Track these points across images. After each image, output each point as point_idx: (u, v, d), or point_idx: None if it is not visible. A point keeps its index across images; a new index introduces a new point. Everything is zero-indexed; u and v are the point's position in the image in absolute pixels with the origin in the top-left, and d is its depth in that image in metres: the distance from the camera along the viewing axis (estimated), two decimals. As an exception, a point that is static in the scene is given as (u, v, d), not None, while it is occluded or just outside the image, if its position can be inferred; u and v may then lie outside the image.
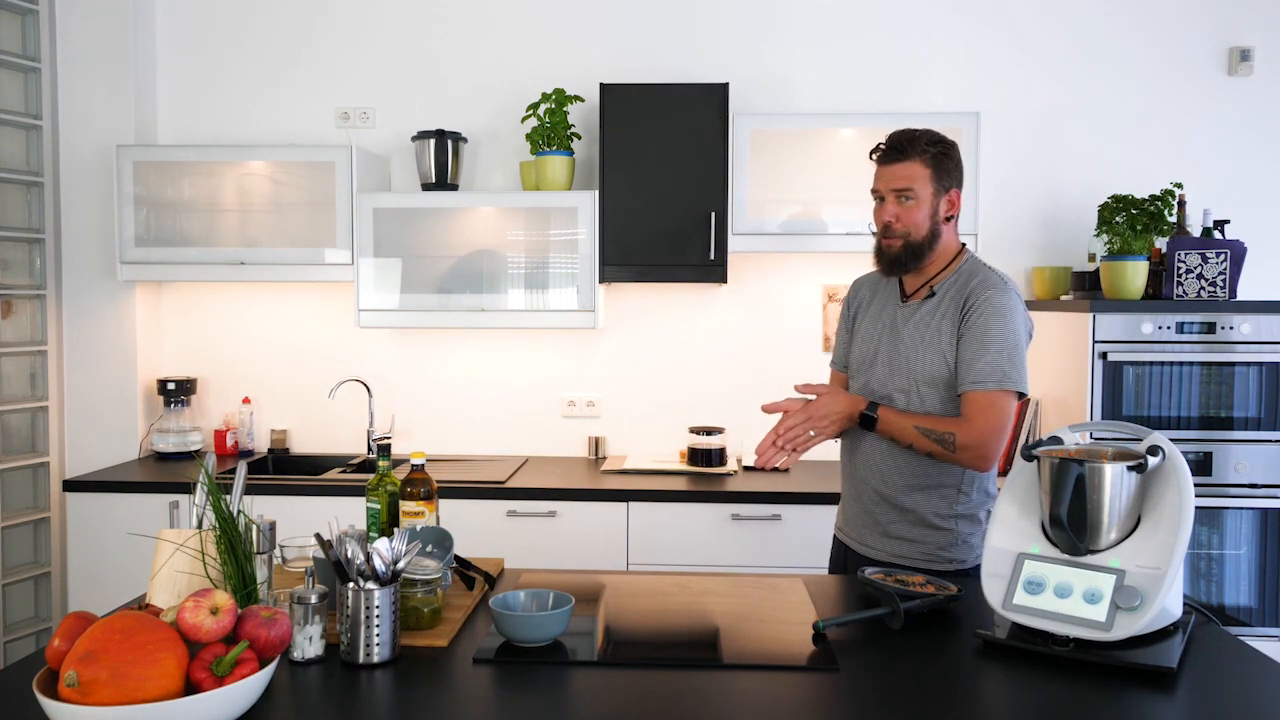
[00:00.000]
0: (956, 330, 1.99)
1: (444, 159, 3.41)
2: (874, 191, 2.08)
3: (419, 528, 1.85)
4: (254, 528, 1.65)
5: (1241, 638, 1.65)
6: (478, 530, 3.00)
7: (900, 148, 2.02)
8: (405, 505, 1.91)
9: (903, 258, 2.05)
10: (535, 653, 1.55)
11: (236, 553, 1.57)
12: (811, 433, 2.00)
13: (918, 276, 2.09)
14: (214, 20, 3.62)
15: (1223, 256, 2.97)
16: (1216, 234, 3.11)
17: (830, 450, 2.31)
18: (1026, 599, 1.56)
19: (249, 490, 1.72)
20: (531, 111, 3.34)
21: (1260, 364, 2.93)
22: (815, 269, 3.51)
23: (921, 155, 2.01)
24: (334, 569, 1.52)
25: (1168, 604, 1.51)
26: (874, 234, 2.10)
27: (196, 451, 3.50)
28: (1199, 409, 2.95)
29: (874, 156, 2.08)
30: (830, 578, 2.04)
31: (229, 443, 3.56)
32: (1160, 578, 1.49)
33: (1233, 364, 2.93)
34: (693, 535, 2.99)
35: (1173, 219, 3.11)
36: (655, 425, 3.59)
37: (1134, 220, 3.05)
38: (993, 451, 1.93)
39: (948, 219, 2.05)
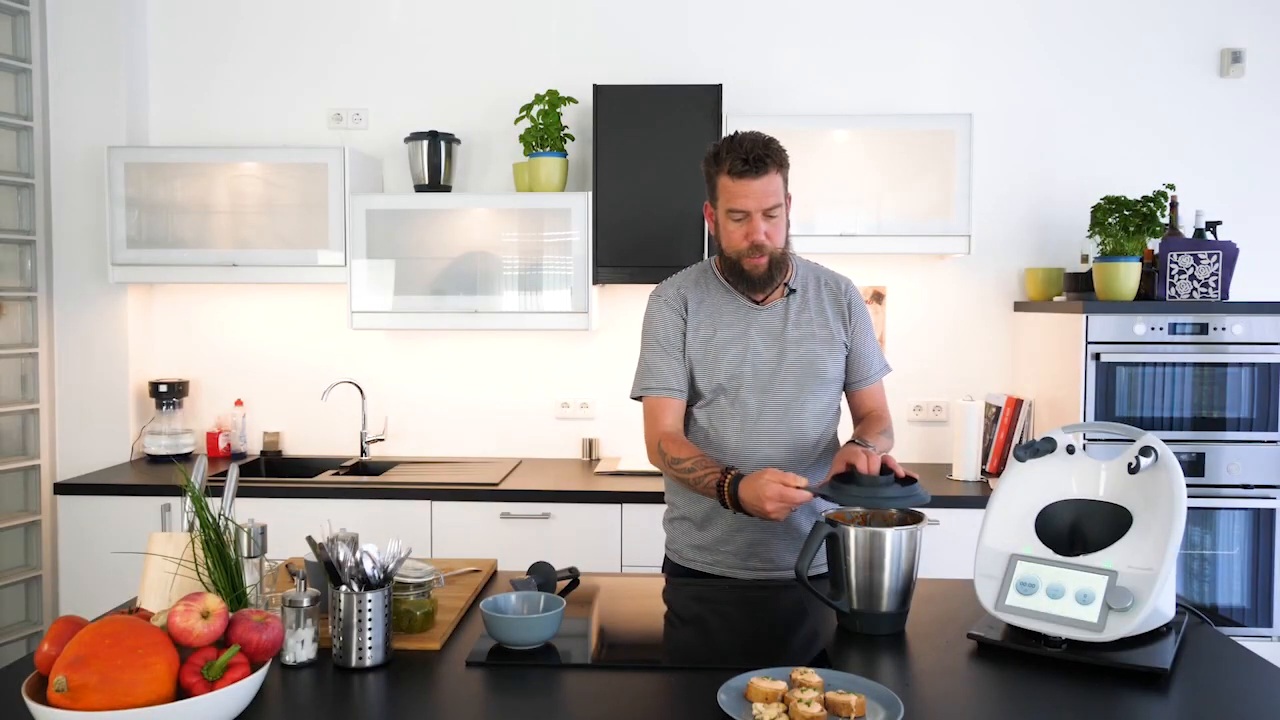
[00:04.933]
0: (845, 323, 2.04)
1: (437, 160, 3.41)
2: (734, 210, 1.89)
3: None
4: (245, 532, 1.64)
5: (1234, 638, 1.65)
6: (471, 532, 3.00)
7: (763, 160, 1.86)
8: None
9: (771, 274, 1.94)
10: (529, 655, 1.54)
11: (225, 557, 1.56)
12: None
13: None
14: (206, 21, 3.61)
15: (1215, 257, 2.98)
16: (1208, 235, 3.12)
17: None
18: (1019, 600, 1.56)
19: (241, 493, 1.71)
20: (525, 113, 3.34)
21: (1252, 365, 2.93)
22: (809, 270, 3.50)
23: (777, 164, 1.89)
24: (326, 572, 1.51)
25: (1160, 605, 1.51)
26: (731, 257, 1.93)
27: (189, 454, 3.49)
28: (1191, 410, 2.95)
29: (732, 173, 1.88)
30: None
31: (221, 445, 3.55)
32: (1152, 578, 1.49)
33: (1225, 365, 2.94)
34: (687, 537, 2.98)
35: (1165, 220, 3.12)
36: (649, 427, 3.58)
37: (1126, 221, 3.05)
38: None
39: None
